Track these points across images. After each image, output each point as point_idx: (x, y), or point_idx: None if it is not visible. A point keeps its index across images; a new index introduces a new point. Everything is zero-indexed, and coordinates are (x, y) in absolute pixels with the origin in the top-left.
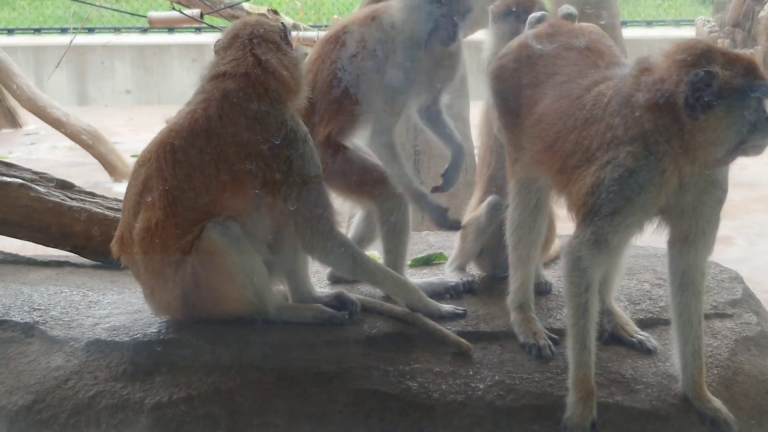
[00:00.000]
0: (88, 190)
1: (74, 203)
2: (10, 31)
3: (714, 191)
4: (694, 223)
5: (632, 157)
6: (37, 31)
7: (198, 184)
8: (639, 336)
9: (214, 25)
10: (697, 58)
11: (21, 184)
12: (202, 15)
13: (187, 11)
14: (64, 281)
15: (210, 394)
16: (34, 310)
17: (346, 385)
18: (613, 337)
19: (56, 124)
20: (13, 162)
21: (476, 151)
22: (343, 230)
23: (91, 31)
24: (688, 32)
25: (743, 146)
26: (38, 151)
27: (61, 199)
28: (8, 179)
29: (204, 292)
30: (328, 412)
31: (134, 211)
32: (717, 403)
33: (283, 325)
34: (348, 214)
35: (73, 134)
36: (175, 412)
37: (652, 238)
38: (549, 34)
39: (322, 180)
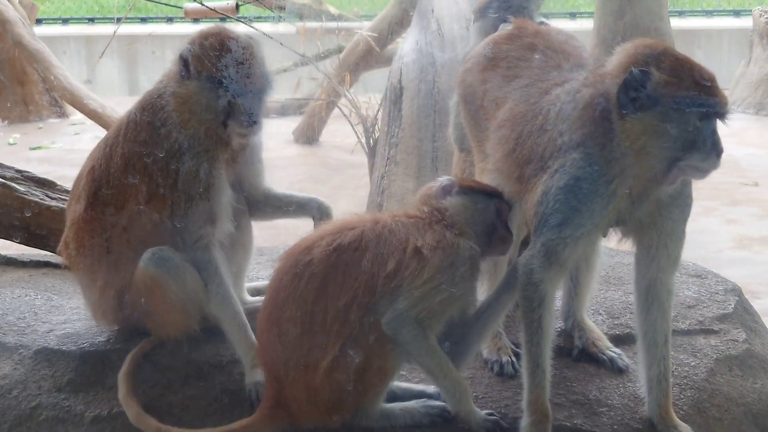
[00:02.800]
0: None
1: (53, 203)
2: (64, 21)
3: (675, 203)
4: (655, 237)
5: (576, 165)
6: (91, 20)
7: (112, 179)
8: (611, 353)
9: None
10: (644, 57)
11: (1, 183)
12: (237, 7)
13: (221, 4)
14: (33, 284)
15: (151, 407)
16: None
17: None
18: (584, 354)
19: (92, 115)
20: (50, 152)
21: None
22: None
23: (143, 21)
24: (746, 22)
25: (679, 164)
26: (81, 141)
27: (41, 199)
28: None
29: (145, 315)
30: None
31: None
32: (684, 428)
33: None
34: None
35: (109, 125)
36: (114, 425)
37: None
38: (514, 35)
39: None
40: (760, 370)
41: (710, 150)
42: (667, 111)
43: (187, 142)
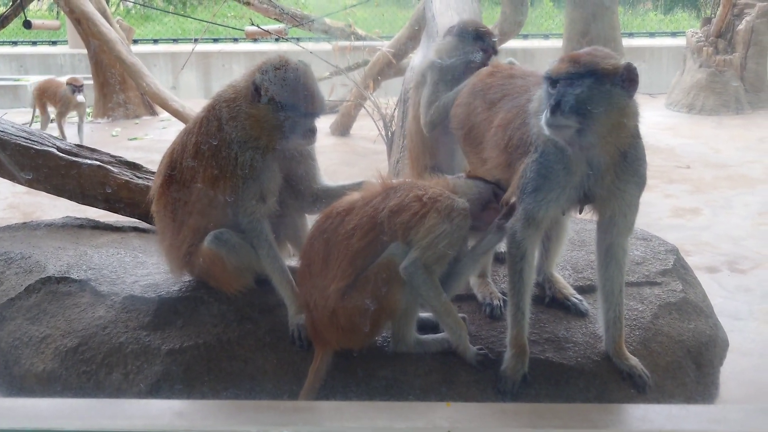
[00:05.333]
0: (153, 170)
1: (140, 181)
2: (155, 41)
3: (632, 181)
4: (617, 208)
5: (542, 144)
6: (175, 41)
7: (185, 162)
8: (575, 300)
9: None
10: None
11: (99, 166)
12: (287, 30)
13: (274, 27)
14: (124, 244)
15: (213, 342)
16: (90, 268)
17: None
18: (554, 301)
19: (175, 113)
20: (143, 142)
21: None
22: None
23: (215, 41)
24: (681, 41)
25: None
26: (167, 133)
27: (130, 178)
28: (90, 161)
29: (210, 278)
30: (308, 364)
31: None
32: (634, 360)
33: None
34: None
35: (188, 121)
36: (184, 357)
37: None
38: (494, 72)
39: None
40: (694, 314)
41: (545, 109)
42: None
43: (249, 142)
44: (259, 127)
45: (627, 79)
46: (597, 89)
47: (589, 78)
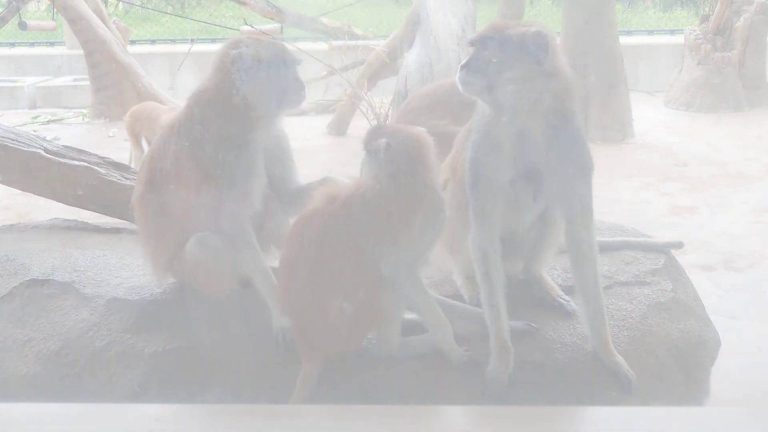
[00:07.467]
0: None
1: (128, 182)
2: (152, 42)
3: (569, 160)
4: (575, 205)
5: (475, 126)
6: (172, 41)
7: (164, 168)
8: (561, 300)
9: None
10: None
11: (86, 167)
12: (282, 29)
13: (269, 27)
14: (110, 246)
15: (196, 345)
16: (75, 271)
17: None
18: (541, 302)
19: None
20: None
21: None
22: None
23: (212, 41)
24: (679, 39)
25: None
26: None
27: (117, 179)
28: (77, 162)
29: (193, 281)
30: (291, 367)
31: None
32: (619, 359)
33: None
34: None
35: None
36: (167, 361)
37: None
38: None
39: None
40: (683, 314)
41: None
42: None
43: (230, 137)
44: (242, 114)
45: (535, 45)
46: (503, 52)
47: (497, 41)
